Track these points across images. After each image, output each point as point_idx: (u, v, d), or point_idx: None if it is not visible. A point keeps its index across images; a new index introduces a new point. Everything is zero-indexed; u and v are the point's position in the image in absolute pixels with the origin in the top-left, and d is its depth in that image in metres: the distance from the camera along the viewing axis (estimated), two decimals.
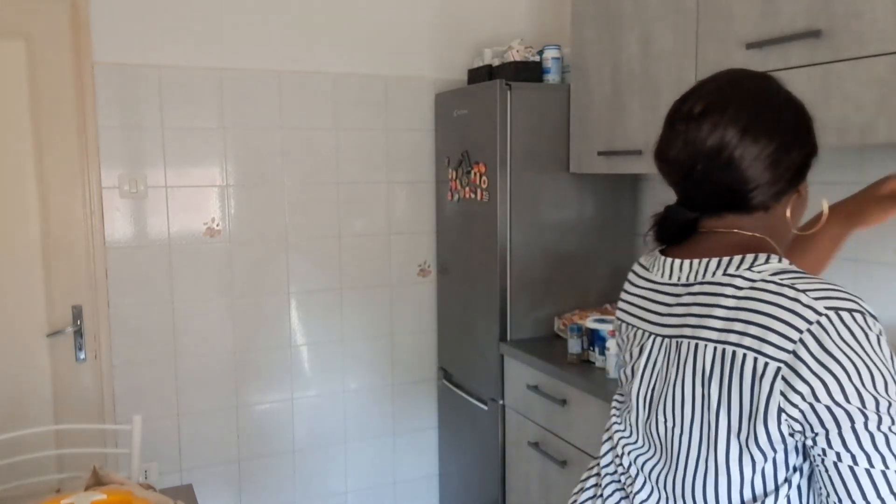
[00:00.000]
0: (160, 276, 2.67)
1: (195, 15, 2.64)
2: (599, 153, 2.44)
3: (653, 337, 1.05)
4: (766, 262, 0.95)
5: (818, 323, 0.86)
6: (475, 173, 2.66)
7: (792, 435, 0.88)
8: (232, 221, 2.75)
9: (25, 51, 2.43)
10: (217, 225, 2.73)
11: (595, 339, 2.28)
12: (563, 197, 2.65)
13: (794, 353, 0.86)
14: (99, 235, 2.56)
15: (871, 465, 0.82)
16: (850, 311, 0.87)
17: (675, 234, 1.06)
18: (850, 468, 0.84)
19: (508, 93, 2.52)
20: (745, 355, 0.90)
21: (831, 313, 0.86)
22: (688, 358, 0.97)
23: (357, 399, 3.03)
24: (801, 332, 0.86)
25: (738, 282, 0.94)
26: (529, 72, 2.64)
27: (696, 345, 0.96)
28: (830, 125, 1.64)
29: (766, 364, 0.88)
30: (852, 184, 2.04)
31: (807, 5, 1.68)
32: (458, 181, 2.81)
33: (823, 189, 2.13)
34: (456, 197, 2.84)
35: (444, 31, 3.02)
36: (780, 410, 0.87)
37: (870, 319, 0.87)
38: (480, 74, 2.79)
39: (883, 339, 0.88)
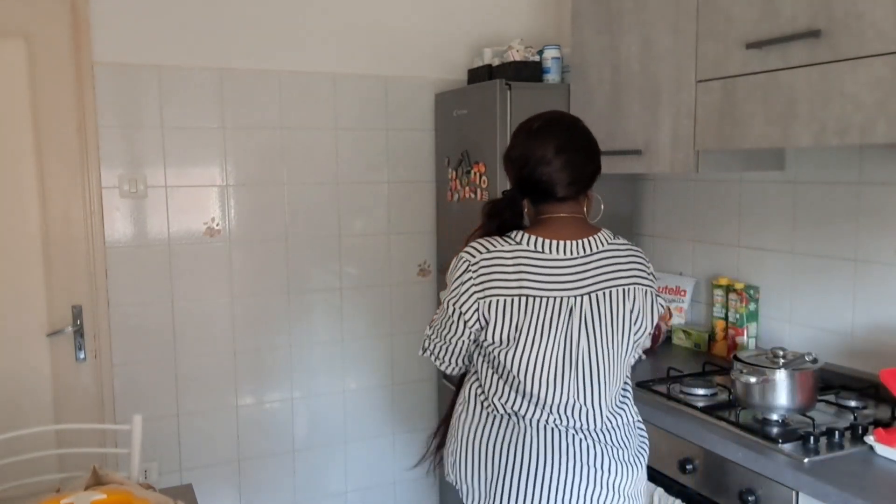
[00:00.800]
0: (160, 275, 2.67)
1: (195, 15, 2.64)
2: None
3: (576, 297, 1.48)
4: (615, 234, 1.60)
5: (650, 265, 1.60)
6: (475, 173, 2.66)
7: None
8: (232, 221, 2.75)
9: (25, 50, 2.43)
10: (217, 225, 2.73)
11: None
12: None
13: (651, 283, 1.57)
14: (99, 235, 2.56)
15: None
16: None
17: (516, 220, 1.56)
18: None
19: (508, 93, 2.52)
20: (642, 288, 1.54)
21: (646, 258, 1.60)
22: (615, 297, 1.50)
23: (357, 399, 3.03)
24: (649, 270, 1.59)
25: (619, 248, 1.56)
26: (529, 72, 2.64)
27: (619, 289, 1.51)
28: (830, 125, 1.64)
29: (653, 292, 1.57)
30: (852, 183, 2.04)
31: (807, 5, 1.68)
32: (458, 181, 2.81)
33: (825, 188, 2.13)
34: (456, 197, 2.84)
35: (444, 31, 3.02)
36: (654, 312, 1.57)
37: None
38: (480, 74, 2.79)
39: None
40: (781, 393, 1.73)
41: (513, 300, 1.45)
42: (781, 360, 1.77)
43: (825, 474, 1.49)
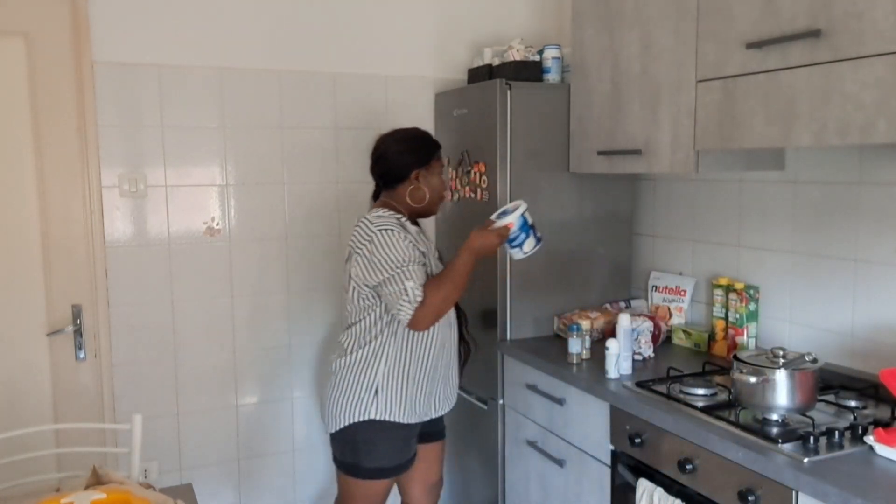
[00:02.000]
0: (160, 275, 2.67)
1: (195, 14, 2.64)
2: (599, 153, 2.44)
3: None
4: (380, 211, 2.11)
5: (369, 234, 2.05)
6: (475, 173, 2.66)
7: (365, 284, 2.08)
8: (232, 221, 2.75)
9: (25, 49, 2.43)
10: (217, 224, 2.73)
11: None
12: (562, 196, 2.65)
13: (364, 246, 2.05)
14: (99, 235, 2.56)
15: (396, 289, 2.02)
16: (387, 229, 2.04)
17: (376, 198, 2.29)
18: (389, 291, 2.02)
19: (508, 92, 2.52)
20: (349, 247, 2.13)
21: (378, 230, 2.04)
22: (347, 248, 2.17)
23: None
24: (362, 238, 2.06)
25: (362, 220, 2.10)
26: (529, 71, 2.64)
27: (349, 244, 2.14)
28: (830, 125, 1.64)
29: (356, 253, 2.08)
30: (852, 184, 2.04)
31: (807, 5, 1.68)
32: (458, 181, 2.81)
33: (825, 188, 2.13)
34: (456, 196, 2.84)
35: (444, 31, 3.02)
36: (352, 265, 2.10)
37: (394, 233, 2.04)
38: (480, 74, 2.79)
39: (400, 239, 2.03)
40: (781, 393, 1.73)
41: None
42: (781, 360, 1.77)
43: (825, 474, 1.49)
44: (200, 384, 2.76)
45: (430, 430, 2.34)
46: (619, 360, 2.18)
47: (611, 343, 2.18)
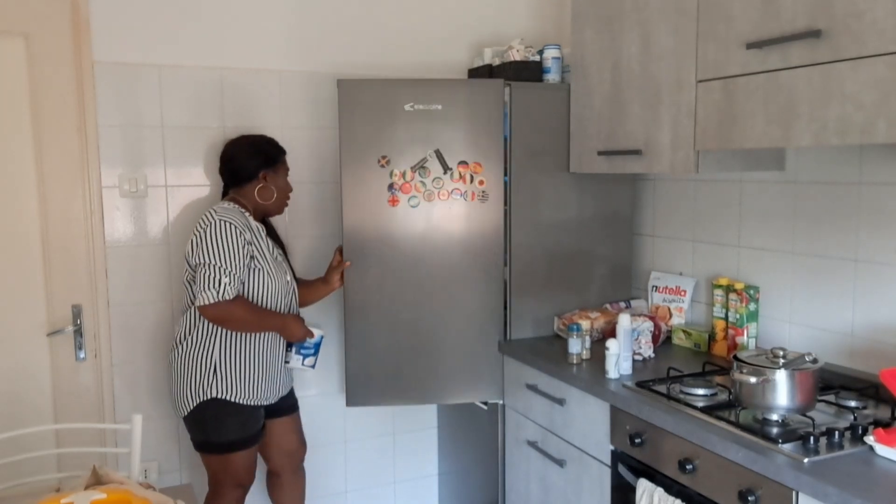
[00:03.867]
0: (160, 275, 2.66)
1: (195, 14, 2.64)
2: (599, 153, 2.44)
3: None
4: (226, 203, 2.32)
5: (214, 222, 2.22)
6: (463, 173, 2.62)
7: (188, 262, 2.31)
8: None
9: (25, 49, 2.43)
10: None
11: None
12: (563, 197, 2.65)
13: (202, 231, 2.23)
14: (99, 235, 2.56)
15: (211, 276, 2.19)
16: (227, 221, 2.22)
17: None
18: (204, 275, 2.20)
19: (509, 93, 2.52)
20: (193, 232, 2.29)
21: (219, 220, 2.22)
22: None
23: None
24: (209, 223, 2.23)
25: (210, 208, 2.28)
26: (529, 71, 2.64)
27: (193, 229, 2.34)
28: (830, 125, 1.64)
29: (193, 235, 2.28)
30: (852, 184, 2.04)
31: (807, 5, 1.68)
32: (416, 183, 2.57)
33: (825, 188, 2.12)
34: (415, 201, 2.59)
35: (444, 31, 3.02)
36: (188, 248, 2.29)
37: (233, 227, 2.22)
38: (481, 74, 2.80)
39: (236, 235, 2.22)
40: (781, 393, 1.73)
41: None
42: (781, 360, 1.77)
43: (825, 474, 1.49)
44: None
45: (282, 406, 2.52)
46: (619, 360, 2.18)
47: (611, 343, 2.18)
